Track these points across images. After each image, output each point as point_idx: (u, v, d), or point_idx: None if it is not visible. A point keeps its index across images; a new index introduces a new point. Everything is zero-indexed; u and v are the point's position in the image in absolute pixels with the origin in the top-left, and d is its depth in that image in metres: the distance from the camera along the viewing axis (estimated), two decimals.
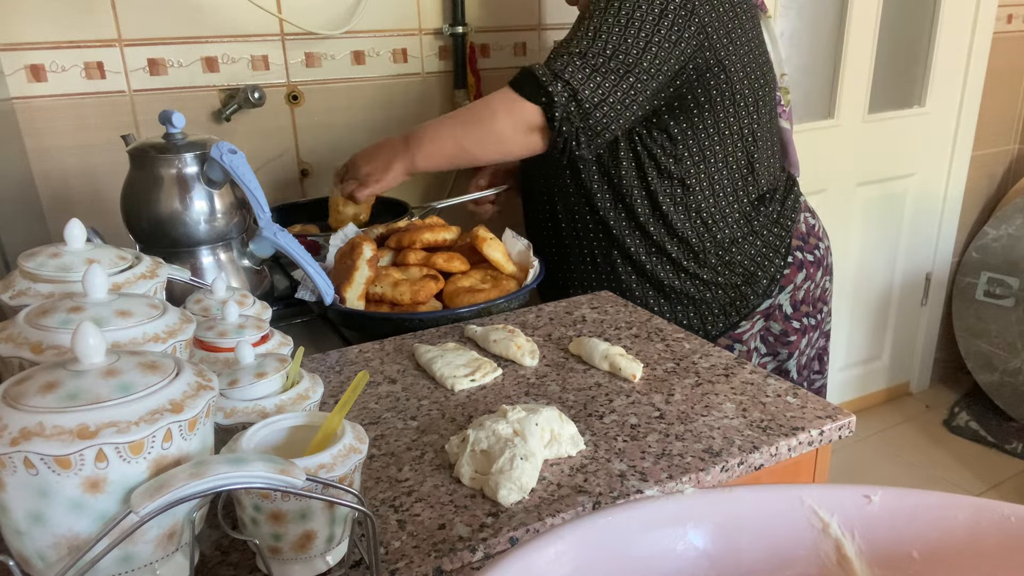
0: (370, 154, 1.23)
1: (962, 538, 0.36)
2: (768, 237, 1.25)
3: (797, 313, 1.28)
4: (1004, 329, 2.47)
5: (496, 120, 1.13)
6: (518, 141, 1.14)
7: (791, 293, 1.26)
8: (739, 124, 1.19)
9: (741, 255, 1.23)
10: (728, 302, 1.24)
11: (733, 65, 1.15)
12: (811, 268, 1.28)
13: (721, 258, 1.23)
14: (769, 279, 1.25)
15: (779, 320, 1.27)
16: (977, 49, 2.37)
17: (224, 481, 0.42)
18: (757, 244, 1.24)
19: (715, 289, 1.24)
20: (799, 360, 1.31)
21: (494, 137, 1.14)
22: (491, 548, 0.60)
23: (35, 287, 0.62)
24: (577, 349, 0.92)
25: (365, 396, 0.84)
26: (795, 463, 0.77)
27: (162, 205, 0.96)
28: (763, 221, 1.24)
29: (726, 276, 1.23)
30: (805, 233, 1.29)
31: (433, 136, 1.18)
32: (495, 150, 1.17)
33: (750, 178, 1.23)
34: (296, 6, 1.43)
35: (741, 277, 1.23)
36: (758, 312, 1.25)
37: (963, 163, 2.51)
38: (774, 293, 1.25)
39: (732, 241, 1.23)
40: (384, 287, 1.06)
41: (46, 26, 1.27)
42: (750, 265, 1.23)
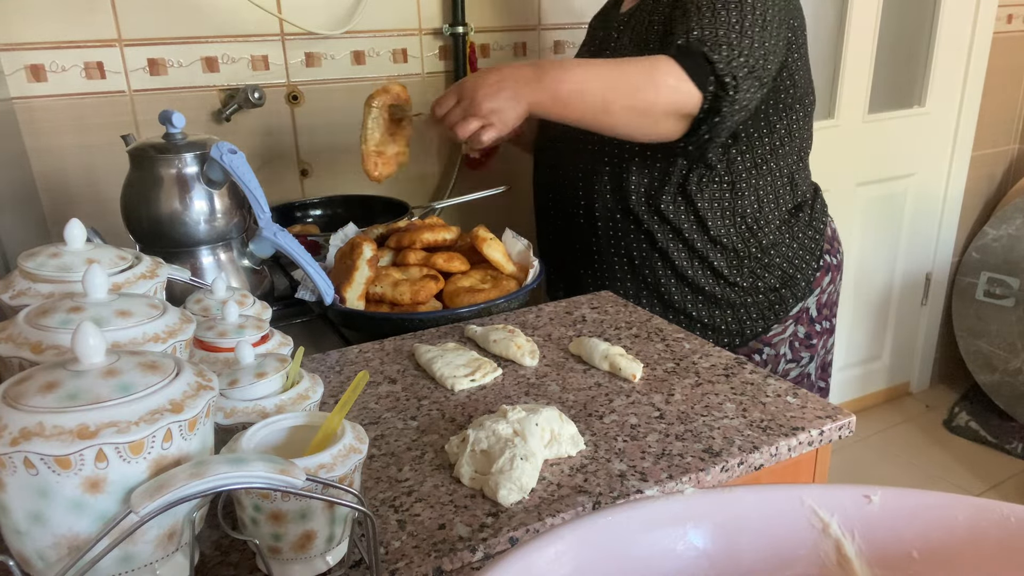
0: (492, 84, 1.00)
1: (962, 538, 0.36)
2: (804, 240, 1.23)
3: (820, 316, 1.27)
4: (1004, 329, 2.47)
5: (658, 93, 0.99)
6: (665, 124, 1.02)
7: (817, 296, 1.26)
8: (790, 132, 1.18)
9: (780, 258, 1.21)
10: (767, 305, 1.22)
11: (798, 74, 1.14)
12: (834, 272, 1.28)
13: (760, 261, 1.20)
14: (806, 282, 1.23)
15: (805, 323, 1.25)
16: (977, 49, 2.37)
17: (224, 481, 0.42)
18: (794, 247, 1.22)
19: (755, 294, 1.21)
20: (817, 363, 1.30)
21: (647, 111, 1.00)
22: (491, 548, 0.60)
23: (35, 287, 0.62)
24: (577, 349, 0.92)
25: (365, 396, 0.84)
26: (795, 463, 0.77)
27: (162, 205, 0.96)
28: (800, 225, 1.23)
29: (766, 280, 1.21)
30: (831, 236, 1.29)
31: (578, 83, 1.00)
32: (639, 125, 1.02)
33: (790, 185, 1.21)
34: (296, 6, 1.43)
35: (780, 280, 1.21)
36: (790, 316, 1.24)
37: (963, 163, 2.52)
38: (806, 296, 1.24)
39: (773, 244, 1.21)
40: (384, 287, 1.05)
41: (46, 26, 1.27)
42: (788, 268, 1.22)
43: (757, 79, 1.02)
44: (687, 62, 0.98)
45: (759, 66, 1.02)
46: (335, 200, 1.52)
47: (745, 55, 1.00)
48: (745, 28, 1.01)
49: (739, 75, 0.99)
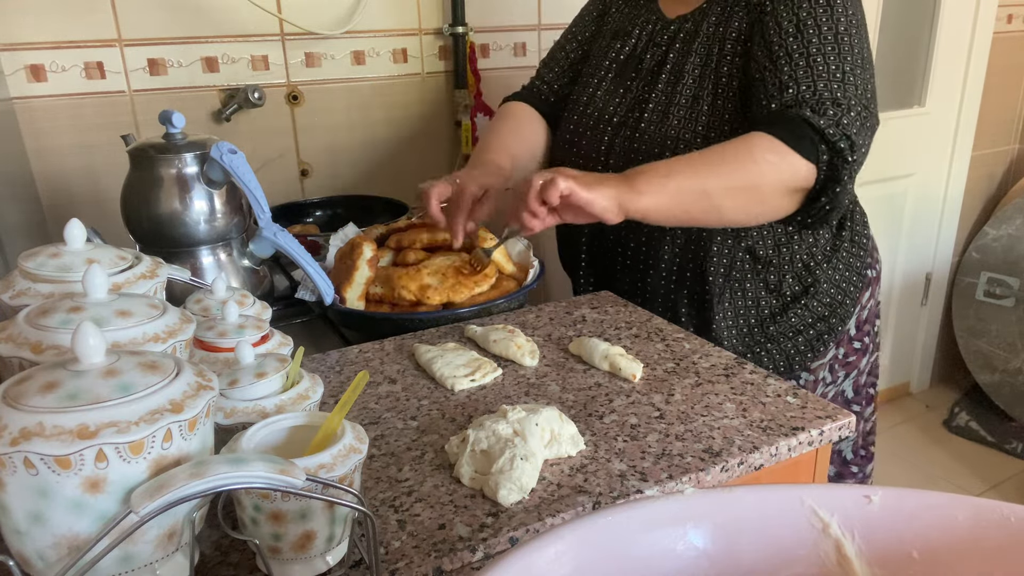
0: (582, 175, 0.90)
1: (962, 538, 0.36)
2: (850, 260, 1.13)
3: (859, 333, 1.18)
4: (1004, 329, 2.47)
5: (763, 174, 0.90)
6: (775, 204, 0.94)
7: (857, 314, 1.16)
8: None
9: (827, 283, 1.11)
10: (815, 336, 1.12)
11: None
12: (874, 285, 1.19)
13: (804, 286, 1.10)
14: (852, 301, 1.14)
15: (844, 344, 1.17)
16: (977, 49, 2.37)
17: (224, 481, 0.42)
18: (840, 268, 1.11)
19: (805, 331, 1.12)
20: (856, 380, 1.21)
21: (755, 193, 0.91)
22: (491, 548, 0.60)
23: (35, 287, 0.62)
24: (577, 349, 0.92)
25: (365, 396, 0.84)
26: (795, 463, 0.77)
27: (162, 205, 0.96)
28: (844, 244, 1.13)
29: (814, 309, 1.11)
30: (871, 249, 1.19)
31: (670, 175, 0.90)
32: (748, 209, 0.94)
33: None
34: (296, 6, 1.43)
35: (828, 308, 1.11)
36: (832, 341, 1.15)
37: (963, 163, 2.52)
38: (850, 318, 1.15)
39: (823, 274, 1.11)
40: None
41: (46, 26, 1.27)
42: (837, 293, 1.11)
43: (871, 128, 0.94)
44: (786, 132, 0.90)
45: (868, 109, 0.93)
46: (335, 200, 1.52)
47: (852, 104, 0.91)
48: (847, 74, 0.92)
49: (853, 133, 0.90)
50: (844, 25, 0.93)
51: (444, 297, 1.02)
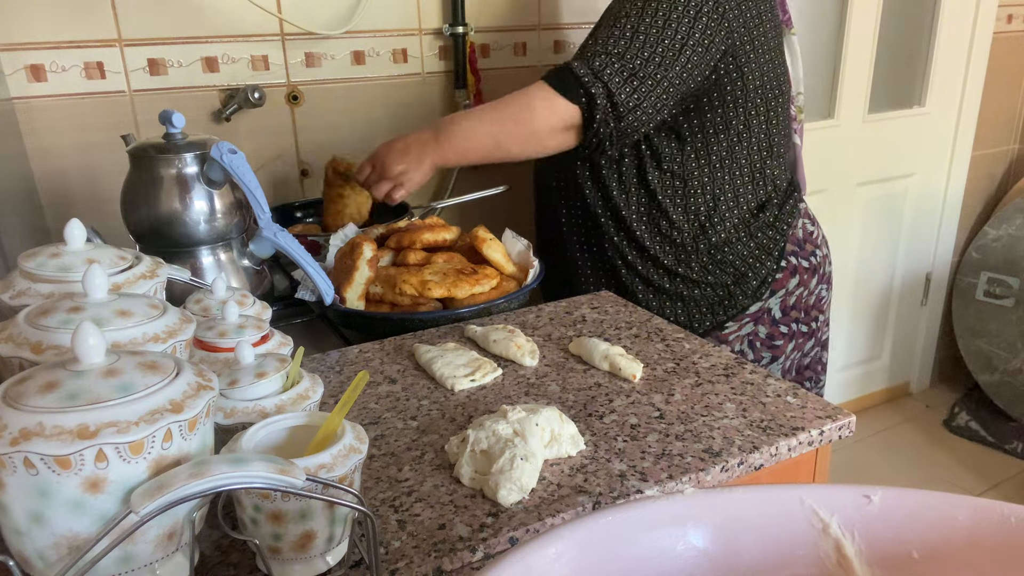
0: (399, 151, 1.18)
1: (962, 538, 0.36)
2: (762, 240, 1.24)
3: (786, 318, 1.27)
4: (1004, 329, 2.47)
5: (535, 118, 1.11)
6: (554, 139, 1.13)
7: (782, 298, 1.26)
8: (748, 130, 1.19)
9: (733, 255, 1.23)
10: (716, 301, 1.24)
11: (752, 72, 1.15)
12: (805, 274, 1.27)
13: (713, 257, 1.22)
14: (760, 281, 1.24)
15: (766, 324, 1.26)
16: (977, 49, 2.37)
17: (224, 481, 0.42)
18: (750, 246, 1.24)
19: (704, 287, 1.24)
20: (784, 364, 1.31)
21: (532, 135, 1.12)
22: (491, 548, 0.60)
23: (35, 287, 0.62)
24: (577, 349, 0.92)
25: (365, 396, 0.84)
26: (795, 463, 0.77)
27: (162, 205, 0.96)
28: (759, 224, 1.24)
29: (716, 275, 1.23)
30: (801, 239, 1.28)
31: (467, 132, 1.15)
32: (532, 147, 1.15)
33: (751, 185, 1.22)
34: (296, 6, 1.43)
35: (732, 277, 1.23)
36: (747, 315, 1.25)
37: (963, 163, 2.51)
38: (764, 296, 1.25)
39: (726, 242, 1.22)
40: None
41: (46, 26, 1.27)
42: (741, 266, 1.23)
43: (646, 78, 1.07)
44: (559, 81, 1.09)
45: (646, 67, 1.06)
46: None
47: (624, 60, 1.07)
48: (637, 32, 1.07)
49: (611, 80, 1.06)
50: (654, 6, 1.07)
51: (445, 291, 1.02)
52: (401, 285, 1.03)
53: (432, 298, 1.04)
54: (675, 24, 1.07)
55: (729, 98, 1.15)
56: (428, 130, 1.17)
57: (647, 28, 1.07)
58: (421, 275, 1.04)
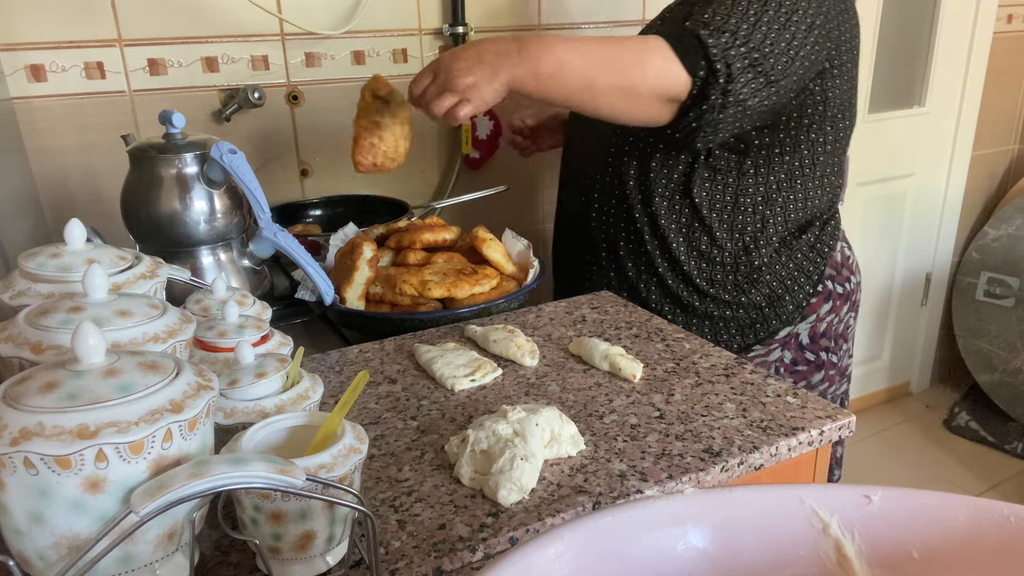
0: (471, 58, 0.95)
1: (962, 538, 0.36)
2: (802, 261, 1.16)
3: (814, 345, 1.19)
4: (1004, 329, 2.47)
5: (644, 73, 0.94)
6: (651, 107, 0.98)
7: (812, 323, 1.18)
8: (813, 154, 1.11)
9: (771, 275, 1.15)
10: (748, 323, 1.16)
11: (834, 94, 1.08)
12: (838, 300, 1.19)
13: (749, 277, 1.15)
14: (795, 305, 1.16)
15: (792, 349, 1.18)
16: (977, 49, 2.37)
17: (224, 481, 0.42)
18: (789, 267, 1.15)
19: (735, 308, 1.15)
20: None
21: (630, 91, 0.95)
22: (491, 548, 0.60)
23: (35, 287, 0.62)
24: (577, 349, 0.92)
25: (365, 396, 0.84)
26: (795, 463, 0.77)
27: (162, 205, 0.96)
28: (801, 246, 1.16)
29: (750, 296, 1.15)
30: (839, 263, 1.20)
31: (559, 59, 0.94)
32: (624, 106, 0.98)
33: (802, 208, 1.14)
34: (296, 6, 1.43)
35: (766, 299, 1.15)
36: (776, 340, 1.17)
37: (963, 163, 2.52)
38: (796, 321, 1.17)
39: (766, 264, 1.15)
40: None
41: (46, 26, 1.27)
42: (778, 287, 1.15)
43: (762, 75, 0.96)
44: (680, 44, 0.94)
45: (766, 63, 0.96)
46: (335, 200, 1.52)
47: (749, 46, 0.94)
48: (761, 21, 0.95)
49: (734, 64, 0.94)
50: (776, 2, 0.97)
51: (445, 291, 1.02)
52: (401, 285, 1.03)
53: (432, 298, 1.04)
54: (794, 27, 0.97)
55: (806, 120, 1.07)
56: (511, 42, 0.96)
57: (770, 22, 0.96)
58: (421, 275, 1.04)
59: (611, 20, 1.75)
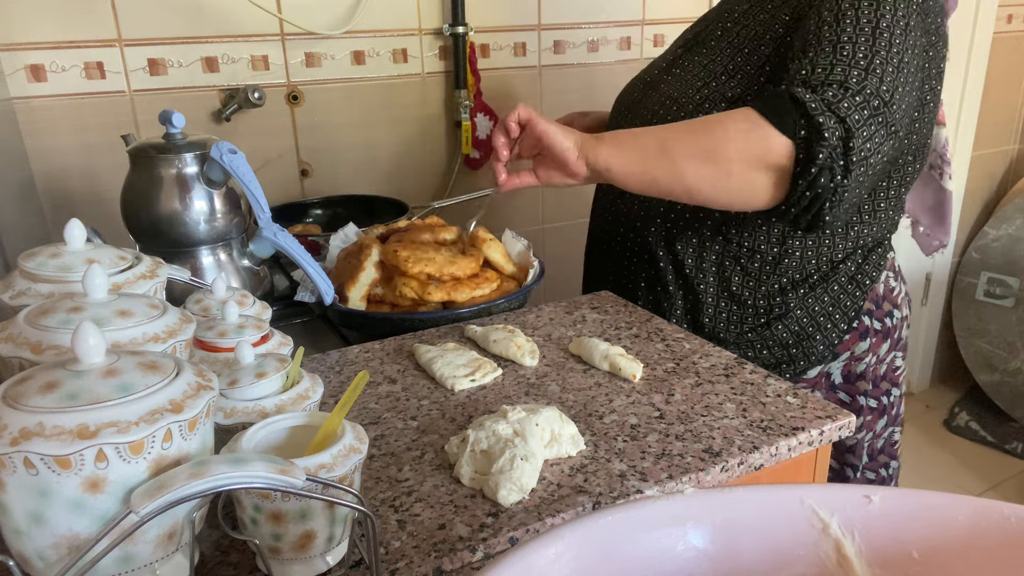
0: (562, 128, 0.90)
1: (962, 538, 0.36)
2: (839, 294, 1.03)
3: (848, 387, 1.06)
4: (1004, 329, 2.47)
5: (726, 137, 0.83)
6: (746, 175, 0.84)
7: (845, 362, 1.05)
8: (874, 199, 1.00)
9: (801, 311, 1.02)
10: (772, 363, 1.05)
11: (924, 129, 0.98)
12: (875, 337, 1.05)
13: (777, 313, 1.03)
14: (826, 344, 1.03)
15: (823, 390, 1.06)
16: (977, 49, 2.37)
17: (224, 481, 0.42)
18: (824, 300, 1.02)
19: (759, 348, 1.04)
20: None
21: (713, 155, 0.84)
22: (491, 548, 0.60)
23: (35, 287, 0.62)
24: (577, 349, 0.92)
25: (365, 396, 0.84)
26: (795, 463, 0.77)
27: (162, 205, 0.96)
28: (837, 277, 1.03)
29: (776, 332, 1.03)
30: (880, 296, 1.05)
31: (636, 133, 0.89)
32: (710, 177, 0.85)
33: (849, 239, 1.03)
34: (296, 6, 1.43)
35: (794, 336, 1.03)
36: (804, 380, 1.05)
37: (963, 163, 2.52)
38: (827, 360, 1.05)
39: (799, 300, 1.03)
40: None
41: (46, 26, 1.27)
42: (808, 324, 1.02)
43: (884, 125, 0.83)
44: (766, 105, 0.83)
45: (888, 111, 0.83)
46: (335, 200, 1.52)
47: (867, 93, 0.82)
48: (874, 64, 0.83)
49: (847, 115, 0.81)
50: (888, 21, 0.85)
51: (445, 295, 1.02)
52: (401, 287, 1.03)
53: (432, 301, 1.04)
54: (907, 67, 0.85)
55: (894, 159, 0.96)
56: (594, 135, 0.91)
57: (883, 64, 0.83)
58: (421, 277, 1.04)
59: (611, 20, 1.75)
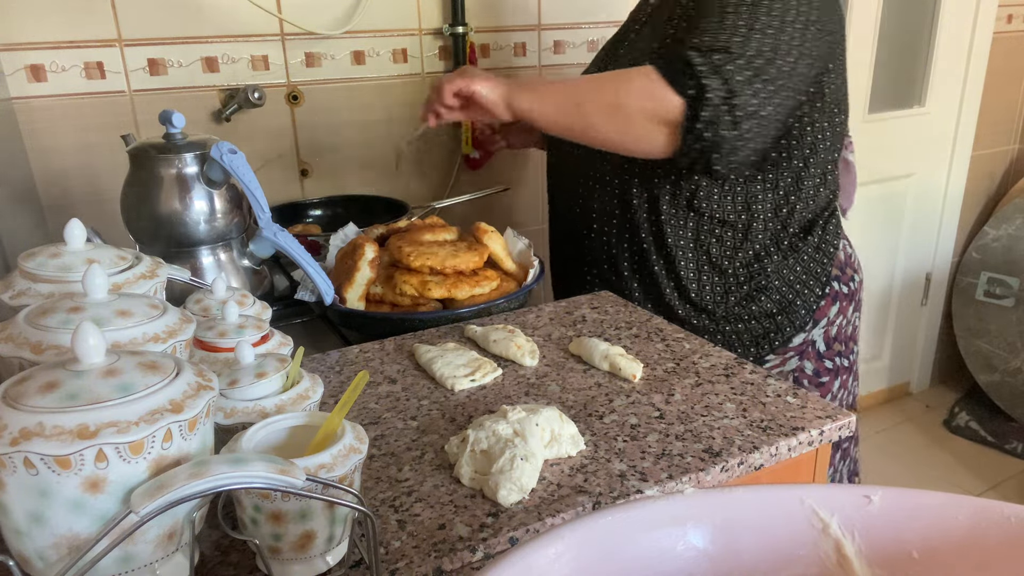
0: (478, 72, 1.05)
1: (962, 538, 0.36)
2: (809, 263, 1.13)
3: (830, 352, 1.17)
4: (1004, 329, 2.47)
5: (630, 91, 0.96)
6: (644, 127, 0.97)
7: (825, 328, 1.15)
8: (814, 151, 1.09)
9: (780, 280, 1.12)
10: (761, 333, 1.13)
11: (832, 93, 1.07)
12: (844, 302, 1.17)
13: (759, 285, 1.12)
14: (807, 309, 1.13)
15: (812, 359, 1.15)
16: (977, 49, 2.37)
17: (224, 481, 0.42)
18: (797, 270, 1.13)
19: (748, 320, 1.13)
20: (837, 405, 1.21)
21: (619, 108, 0.96)
22: (491, 548, 0.60)
23: (35, 287, 0.62)
24: (577, 349, 0.92)
25: (365, 396, 0.84)
26: (795, 463, 0.77)
27: (162, 205, 0.96)
28: (806, 247, 1.14)
29: (761, 304, 1.12)
30: (843, 262, 1.18)
31: (551, 84, 1.03)
32: (617, 124, 0.98)
33: (806, 204, 1.12)
34: (296, 6, 1.43)
35: (777, 306, 1.12)
36: (791, 348, 1.14)
37: (963, 163, 2.52)
38: (808, 327, 1.14)
39: (775, 269, 1.12)
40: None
41: (46, 26, 1.27)
42: (788, 292, 1.12)
43: (769, 81, 0.94)
44: (665, 65, 0.95)
45: (769, 69, 0.94)
46: (335, 200, 1.52)
47: (748, 56, 0.93)
48: (754, 29, 0.94)
49: (731, 78, 0.92)
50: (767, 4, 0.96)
51: (445, 292, 1.02)
52: (401, 285, 1.03)
53: (432, 298, 1.04)
54: (791, 28, 0.95)
55: (807, 118, 1.06)
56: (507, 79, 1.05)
57: (764, 27, 0.94)
58: (421, 275, 1.04)
59: (611, 20, 1.75)
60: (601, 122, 0.98)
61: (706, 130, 0.93)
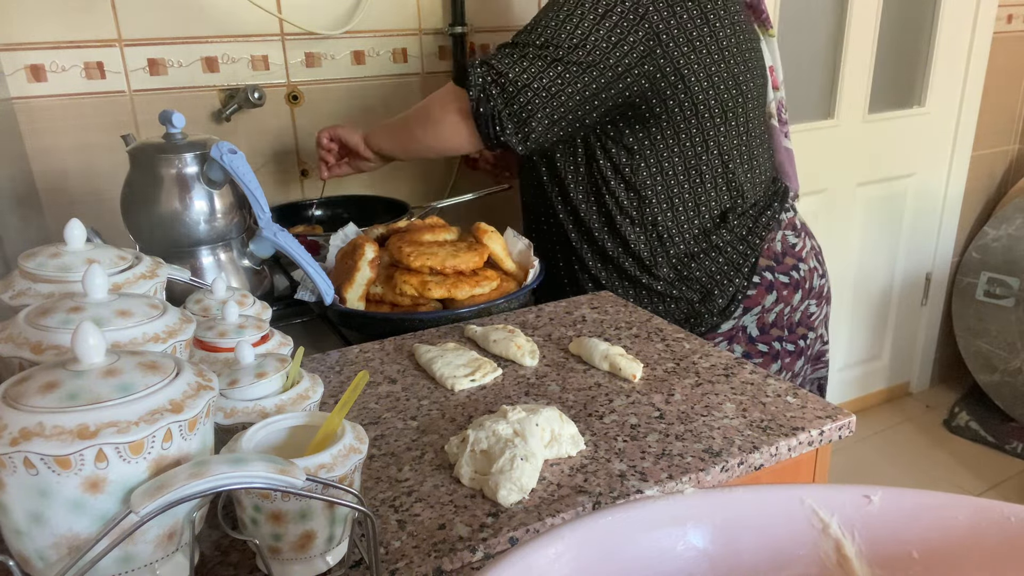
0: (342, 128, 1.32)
1: (962, 538, 0.36)
2: (731, 255, 1.19)
3: (765, 336, 1.22)
4: (1004, 329, 2.47)
5: (432, 99, 1.18)
6: (446, 120, 1.15)
7: (758, 315, 1.20)
8: (703, 136, 1.14)
9: (700, 271, 1.19)
10: (683, 318, 1.21)
11: (695, 75, 1.10)
12: (784, 290, 1.21)
13: (679, 273, 1.19)
14: (728, 299, 1.19)
15: (742, 342, 1.21)
16: (977, 49, 2.37)
17: (224, 481, 0.42)
18: (719, 261, 1.19)
19: (669, 303, 1.20)
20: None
21: (427, 113, 1.18)
22: (491, 548, 0.60)
23: (35, 287, 0.62)
24: (577, 349, 0.92)
25: (365, 396, 0.84)
26: (795, 463, 0.77)
27: (162, 205, 0.96)
28: (728, 237, 1.19)
29: (681, 291, 1.20)
30: (780, 253, 1.22)
31: (394, 122, 1.26)
32: (431, 133, 1.18)
33: (714, 193, 1.18)
34: (296, 6, 1.43)
35: (698, 294, 1.19)
36: (719, 334, 1.20)
37: (963, 163, 2.52)
38: (736, 314, 1.19)
39: (690, 256, 1.19)
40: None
41: (46, 26, 1.27)
42: (708, 283, 1.19)
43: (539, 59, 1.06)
44: (462, 74, 1.12)
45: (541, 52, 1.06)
46: (335, 200, 1.52)
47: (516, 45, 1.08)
48: (534, 26, 1.08)
49: (499, 61, 1.07)
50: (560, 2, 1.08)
51: (445, 292, 1.02)
52: (401, 285, 1.03)
53: (432, 298, 1.04)
54: (577, 19, 1.06)
55: (672, 104, 1.11)
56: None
57: (547, 21, 1.07)
58: (421, 275, 1.04)
59: None
60: (421, 132, 1.19)
61: (481, 105, 1.09)
